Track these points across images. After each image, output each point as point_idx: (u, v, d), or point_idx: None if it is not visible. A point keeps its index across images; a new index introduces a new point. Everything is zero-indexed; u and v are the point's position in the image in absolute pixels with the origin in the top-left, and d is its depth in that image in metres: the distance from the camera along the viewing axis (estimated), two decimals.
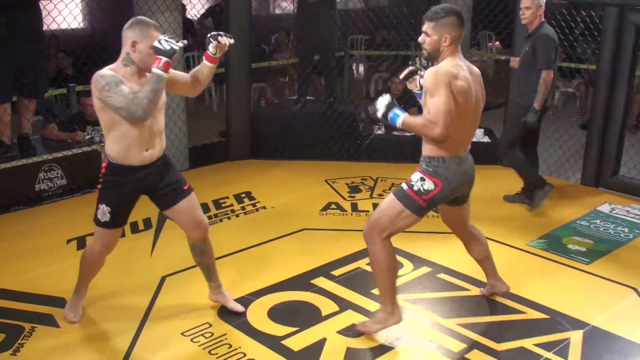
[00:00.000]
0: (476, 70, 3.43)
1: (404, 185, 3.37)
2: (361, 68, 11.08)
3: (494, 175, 6.31)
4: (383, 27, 10.22)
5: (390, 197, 3.40)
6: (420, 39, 3.33)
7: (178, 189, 3.49)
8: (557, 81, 8.99)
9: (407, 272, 4.33)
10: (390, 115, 3.27)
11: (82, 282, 3.68)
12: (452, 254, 4.59)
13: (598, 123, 5.94)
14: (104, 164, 3.36)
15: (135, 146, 3.27)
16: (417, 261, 4.47)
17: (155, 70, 3.13)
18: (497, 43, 10.97)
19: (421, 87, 3.38)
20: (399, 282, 4.16)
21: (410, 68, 3.46)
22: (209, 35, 3.39)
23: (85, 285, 3.69)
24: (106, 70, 3.16)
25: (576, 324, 3.75)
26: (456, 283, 4.20)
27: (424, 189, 3.30)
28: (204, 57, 3.42)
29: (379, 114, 3.30)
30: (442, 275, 4.29)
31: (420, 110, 3.44)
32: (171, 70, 3.26)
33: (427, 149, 3.34)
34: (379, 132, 6.79)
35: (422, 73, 3.38)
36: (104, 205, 3.40)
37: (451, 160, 3.31)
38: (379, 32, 10.15)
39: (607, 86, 5.85)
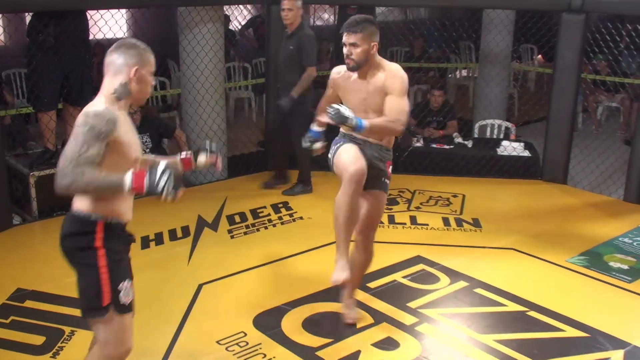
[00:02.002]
0: None
1: (387, 181, 3.64)
2: None
3: (535, 190, 6.24)
4: (424, 39, 10.20)
5: (382, 195, 3.62)
6: (346, 52, 3.48)
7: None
8: (600, 95, 8.87)
9: (443, 286, 4.29)
10: (356, 120, 3.36)
11: None
12: (490, 268, 4.55)
13: None
14: (99, 229, 2.56)
15: (129, 196, 2.66)
16: (453, 275, 4.43)
17: (127, 179, 2.42)
18: (539, 56, 10.85)
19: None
20: (435, 295, 4.16)
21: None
22: (207, 144, 2.98)
23: None
24: (104, 108, 2.46)
25: (617, 343, 3.67)
26: (493, 298, 4.14)
27: (390, 175, 3.67)
28: (180, 158, 2.91)
29: (349, 122, 3.33)
30: (479, 290, 4.24)
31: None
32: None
33: (390, 141, 3.62)
34: (417, 144, 6.76)
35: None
36: (125, 282, 2.68)
37: None
38: (417, 42, 10.13)
39: None
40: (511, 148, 6.64)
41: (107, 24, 5.90)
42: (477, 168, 6.55)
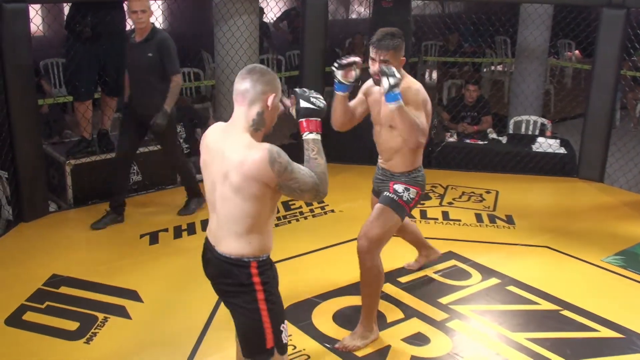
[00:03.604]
0: None
1: (394, 196, 3.54)
2: (434, 74, 10.98)
3: (571, 188, 6.15)
4: (459, 33, 10.09)
5: (385, 211, 3.51)
6: (375, 69, 3.37)
7: None
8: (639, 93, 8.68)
9: (475, 283, 4.25)
10: (397, 91, 3.21)
11: None
12: (523, 266, 4.50)
13: None
14: (254, 271, 2.45)
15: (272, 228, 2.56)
16: (485, 272, 4.38)
17: (316, 137, 2.51)
18: (577, 52, 10.66)
19: (356, 80, 3.42)
20: (467, 292, 4.12)
21: (356, 59, 3.36)
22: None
23: None
24: (271, 145, 2.39)
25: None
26: (526, 296, 4.09)
27: (410, 198, 3.55)
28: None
29: (392, 80, 3.17)
30: (512, 288, 4.19)
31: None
32: None
33: (405, 165, 3.57)
34: (451, 139, 6.71)
35: (358, 71, 3.39)
36: (285, 322, 2.55)
37: (421, 168, 3.63)
38: (453, 37, 10.02)
39: None
40: (547, 145, 6.55)
41: None
42: (511, 164, 6.47)
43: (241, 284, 2.45)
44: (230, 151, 2.38)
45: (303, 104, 2.53)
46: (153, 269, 4.37)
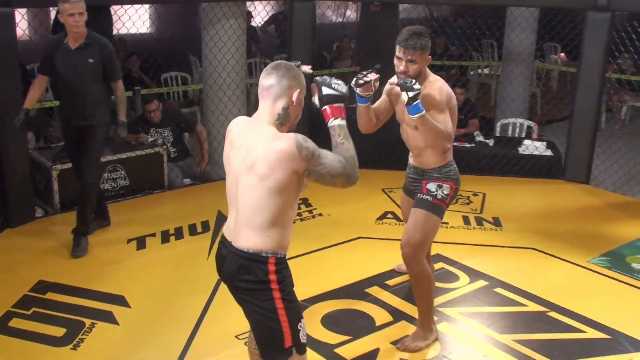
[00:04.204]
0: None
1: (428, 197, 3.53)
2: None
3: (557, 190, 6.18)
4: (446, 36, 10.14)
5: (423, 214, 3.50)
6: (402, 68, 3.34)
7: None
8: (625, 95, 8.76)
9: (463, 285, 4.26)
10: (418, 101, 3.18)
11: None
12: (510, 268, 4.52)
13: None
14: (272, 267, 2.43)
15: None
16: (473, 274, 4.40)
17: (342, 122, 2.52)
18: (563, 55, 10.73)
19: (375, 91, 3.43)
20: (455, 294, 4.14)
21: (373, 77, 3.31)
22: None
23: None
24: (296, 133, 2.42)
25: (639, 345, 3.62)
26: (513, 298, 4.11)
27: (445, 195, 3.55)
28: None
29: (412, 94, 3.16)
30: (499, 290, 4.21)
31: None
32: None
33: (434, 161, 3.58)
34: None
35: (376, 84, 3.36)
36: (302, 321, 2.55)
37: (452, 162, 3.63)
38: (440, 40, 10.07)
39: None
40: (533, 147, 6.58)
41: (131, 19, 5.93)
42: (498, 167, 6.50)
43: (258, 280, 2.42)
44: (256, 144, 2.40)
45: (326, 90, 2.54)
46: (140, 274, 4.36)
